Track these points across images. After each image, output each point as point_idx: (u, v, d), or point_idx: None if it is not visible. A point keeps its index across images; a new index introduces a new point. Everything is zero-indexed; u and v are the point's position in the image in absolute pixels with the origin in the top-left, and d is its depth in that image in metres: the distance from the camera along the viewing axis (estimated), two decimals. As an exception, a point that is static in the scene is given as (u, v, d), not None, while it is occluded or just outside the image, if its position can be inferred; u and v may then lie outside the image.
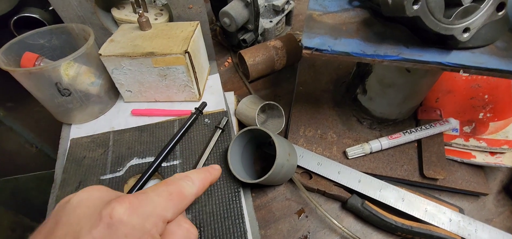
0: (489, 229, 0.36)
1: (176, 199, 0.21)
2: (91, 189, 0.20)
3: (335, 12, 0.37)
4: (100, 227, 0.18)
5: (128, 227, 0.18)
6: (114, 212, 0.18)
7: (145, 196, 0.20)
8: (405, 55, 0.30)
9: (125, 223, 0.18)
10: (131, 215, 0.19)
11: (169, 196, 0.21)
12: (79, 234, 0.18)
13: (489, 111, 0.44)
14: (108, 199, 0.19)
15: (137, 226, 0.19)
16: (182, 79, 0.46)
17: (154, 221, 0.20)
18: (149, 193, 0.21)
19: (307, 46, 0.32)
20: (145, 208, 0.19)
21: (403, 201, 0.38)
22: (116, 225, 0.18)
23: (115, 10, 0.52)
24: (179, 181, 0.22)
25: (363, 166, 0.43)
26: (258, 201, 0.43)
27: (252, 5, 0.56)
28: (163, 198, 0.21)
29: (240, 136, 0.40)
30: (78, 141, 0.44)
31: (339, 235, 0.39)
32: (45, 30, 0.46)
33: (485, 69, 0.29)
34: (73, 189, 0.39)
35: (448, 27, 0.28)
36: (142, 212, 0.19)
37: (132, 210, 0.19)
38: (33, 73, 0.39)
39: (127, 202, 0.19)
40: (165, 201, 0.21)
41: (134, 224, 0.19)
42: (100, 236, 0.18)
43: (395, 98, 0.43)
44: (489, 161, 0.41)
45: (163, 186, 0.22)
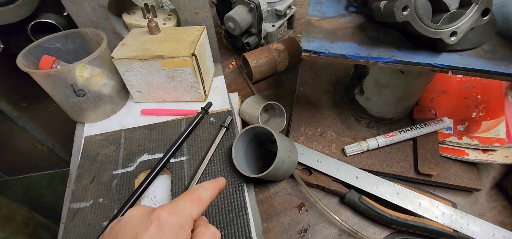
0: (481, 222, 0.38)
1: (197, 203, 0.28)
2: (136, 208, 0.26)
3: (332, 17, 0.39)
4: (152, 227, 0.24)
5: (171, 224, 0.24)
6: (160, 215, 0.24)
7: (176, 203, 0.26)
8: (397, 57, 0.33)
9: (168, 221, 0.24)
10: (172, 216, 0.25)
11: (192, 201, 0.27)
12: (137, 235, 0.23)
13: (482, 110, 0.46)
14: (151, 210, 0.25)
15: (176, 223, 0.25)
16: (189, 81, 0.49)
17: (186, 219, 0.26)
18: (178, 201, 0.27)
19: (306, 49, 0.34)
20: (179, 211, 0.26)
21: (398, 196, 0.40)
22: (163, 224, 0.24)
23: (126, 16, 0.55)
24: (197, 190, 0.29)
25: (360, 162, 0.45)
26: (260, 195, 0.45)
27: (255, 10, 0.58)
28: (188, 203, 0.27)
29: (244, 133, 0.42)
30: (92, 139, 0.47)
31: (337, 228, 0.42)
32: (61, 35, 0.49)
33: (472, 70, 0.31)
34: (88, 183, 0.42)
35: (436, 31, 0.30)
36: (178, 213, 0.26)
37: (171, 212, 0.25)
38: (51, 75, 0.42)
39: (167, 208, 0.25)
40: (190, 205, 0.27)
41: (174, 221, 0.25)
42: (154, 233, 0.23)
43: (390, 99, 0.45)
44: (481, 158, 0.43)
45: (186, 195, 0.28)
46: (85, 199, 0.40)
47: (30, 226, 0.83)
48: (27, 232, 0.81)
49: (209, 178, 0.42)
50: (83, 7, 0.49)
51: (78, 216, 0.39)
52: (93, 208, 0.39)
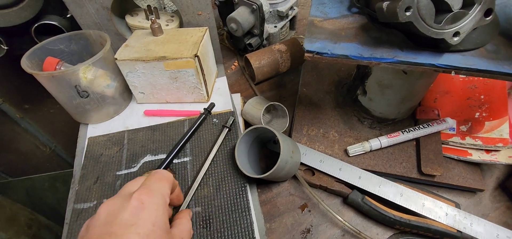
0: (484, 223, 0.38)
1: (166, 182, 0.30)
2: (108, 200, 0.27)
3: (335, 18, 0.39)
4: (132, 207, 0.25)
5: (154, 204, 0.26)
6: (141, 197, 0.26)
7: (147, 185, 0.28)
8: (400, 58, 0.33)
9: (151, 202, 0.26)
10: (153, 197, 0.27)
11: (162, 180, 0.30)
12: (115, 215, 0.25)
13: (485, 111, 0.46)
14: (127, 195, 0.27)
15: (160, 202, 0.27)
16: (192, 82, 0.49)
17: (164, 197, 0.28)
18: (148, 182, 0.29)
19: (308, 50, 0.34)
20: (156, 192, 0.28)
21: (402, 196, 0.40)
22: (146, 204, 0.26)
23: (129, 17, 0.55)
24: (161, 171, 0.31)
25: (363, 163, 0.45)
26: (263, 196, 0.45)
27: (258, 11, 0.58)
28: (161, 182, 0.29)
29: (247, 134, 0.42)
30: (95, 140, 0.47)
31: (340, 228, 0.41)
32: (65, 36, 0.49)
33: (475, 70, 0.31)
34: (91, 184, 0.42)
35: (439, 31, 0.30)
36: (157, 193, 0.27)
37: (150, 194, 0.27)
38: (55, 77, 0.42)
39: (144, 189, 0.27)
40: (162, 183, 0.29)
41: (157, 201, 0.27)
42: (135, 211, 0.25)
43: (393, 99, 0.45)
44: (485, 158, 0.43)
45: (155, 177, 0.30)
46: (89, 200, 0.40)
47: (33, 227, 0.83)
48: (30, 234, 0.81)
49: (212, 179, 0.42)
50: (86, 8, 0.49)
51: (82, 216, 0.39)
52: (97, 209, 0.39)
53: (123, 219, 0.24)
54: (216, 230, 0.37)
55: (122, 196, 0.27)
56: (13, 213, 0.81)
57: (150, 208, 0.25)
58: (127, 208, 0.25)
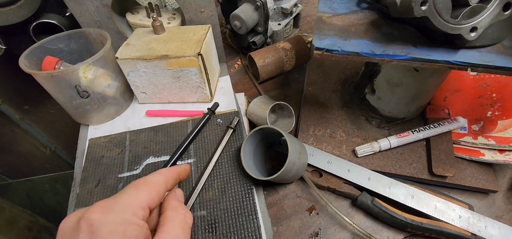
0: (499, 226, 0.37)
1: (144, 188, 0.23)
2: (67, 218, 0.22)
3: (344, 14, 0.38)
4: (81, 234, 0.19)
5: (109, 224, 0.20)
6: (91, 218, 0.19)
7: (113, 197, 0.22)
8: (413, 55, 0.31)
9: (105, 222, 0.20)
10: (108, 214, 0.20)
11: (136, 188, 0.23)
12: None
13: (497, 109, 0.44)
14: (81, 215, 0.20)
15: (117, 220, 0.20)
16: (195, 81, 0.48)
17: (132, 210, 0.21)
18: (118, 195, 0.22)
19: (318, 47, 0.33)
20: (118, 205, 0.21)
21: (413, 198, 0.39)
22: (97, 226, 0.19)
23: (130, 15, 0.54)
24: (145, 176, 0.25)
25: (372, 164, 0.44)
26: (269, 198, 0.44)
27: (262, 8, 0.57)
28: (131, 191, 0.22)
29: (253, 134, 0.41)
30: (96, 141, 0.46)
31: (349, 231, 0.40)
32: (64, 35, 0.48)
33: (493, 67, 0.30)
34: (93, 187, 0.41)
35: (455, 27, 0.29)
36: (116, 208, 0.21)
37: (106, 210, 0.20)
38: (54, 76, 0.41)
39: (99, 206, 0.21)
40: (134, 192, 0.22)
41: (114, 219, 0.20)
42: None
43: (403, 98, 0.43)
44: (498, 158, 0.42)
45: (130, 185, 0.24)
46: (90, 203, 0.39)
47: (33, 230, 0.82)
48: (30, 236, 0.80)
49: (216, 180, 0.40)
50: (86, 6, 0.48)
51: (83, 221, 0.38)
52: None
53: None
54: (222, 234, 0.36)
55: (80, 213, 0.21)
56: (13, 215, 0.80)
57: (101, 231, 0.19)
58: (78, 235, 0.19)
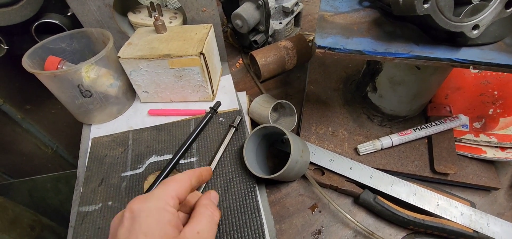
0: (501, 222, 0.37)
1: (171, 182, 0.27)
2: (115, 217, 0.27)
3: (346, 12, 0.38)
4: (125, 221, 0.23)
5: (146, 211, 0.24)
6: (132, 207, 0.24)
7: (150, 192, 0.26)
8: (416, 53, 0.31)
9: (143, 209, 0.24)
10: (145, 203, 0.24)
11: (165, 184, 0.27)
12: (115, 233, 0.24)
13: (499, 107, 0.44)
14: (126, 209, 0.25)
15: (153, 207, 0.24)
16: (197, 80, 0.48)
17: (164, 200, 0.25)
18: (152, 191, 0.26)
19: (320, 45, 0.33)
20: (153, 196, 0.25)
21: (415, 196, 0.39)
22: (137, 213, 0.23)
23: (131, 14, 0.54)
24: (171, 177, 0.29)
25: (374, 162, 0.44)
26: (272, 197, 0.44)
27: (263, 7, 0.57)
28: (162, 186, 0.27)
29: (255, 133, 0.41)
30: (99, 140, 0.46)
31: (352, 229, 0.40)
32: (67, 35, 0.48)
33: (495, 65, 0.30)
34: (96, 186, 0.41)
35: (457, 24, 0.29)
36: (152, 199, 0.25)
37: (144, 200, 0.24)
38: (57, 76, 0.41)
39: (138, 198, 0.25)
40: (165, 186, 0.26)
41: (150, 206, 0.24)
42: (128, 224, 0.23)
43: (405, 96, 0.44)
44: (500, 156, 0.42)
45: (160, 184, 0.28)
46: (94, 202, 0.39)
47: (36, 229, 0.82)
48: (33, 235, 0.81)
49: (219, 179, 0.41)
50: (88, 6, 0.48)
51: (87, 219, 0.38)
52: (102, 211, 0.38)
53: (119, 236, 0.23)
54: (225, 232, 0.36)
55: (126, 207, 0.25)
56: (16, 214, 0.81)
57: (140, 216, 0.23)
58: (123, 222, 0.23)
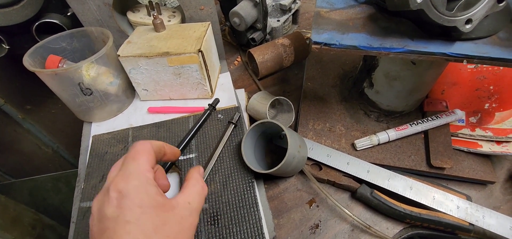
0: (497, 215, 0.37)
1: (140, 156, 0.27)
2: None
3: (342, 8, 0.39)
4: (113, 199, 0.24)
5: (133, 188, 0.24)
6: (118, 187, 0.24)
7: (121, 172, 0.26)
8: (410, 47, 0.32)
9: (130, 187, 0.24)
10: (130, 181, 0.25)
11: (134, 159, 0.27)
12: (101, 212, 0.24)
13: (495, 101, 0.45)
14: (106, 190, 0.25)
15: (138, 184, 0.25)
16: (196, 77, 0.48)
17: (145, 174, 0.26)
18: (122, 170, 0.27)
19: (316, 41, 0.34)
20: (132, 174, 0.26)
21: (411, 190, 0.40)
22: (125, 191, 0.24)
23: (131, 13, 0.55)
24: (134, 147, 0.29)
25: (371, 157, 0.45)
26: (270, 192, 0.44)
27: (260, 5, 0.58)
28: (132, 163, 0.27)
29: (253, 129, 0.42)
30: (100, 138, 0.47)
31: (349, 223, 0.41)
32: (67, 34, 0.49)
33: (488, 59, 0.31)
34: (97, 182, 0.41)
35: (451, 19, 0.29)
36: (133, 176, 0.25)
37: (126, 180, 0.25)
38: (58, 74, 0.42)
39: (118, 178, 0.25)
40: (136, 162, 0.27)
41: (136, 184, 0.25)
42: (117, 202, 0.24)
43: (401, 91, 0.44)
44: (496, 150, 0.42)
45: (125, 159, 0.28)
46: (94, 198, 0.40)
47: (37, 228, 0.83)
48: (35, 234, 0.81)
49: (218, 175, 0.41)
50: (88, 5, 0.49)
51: (89, 215, 0.38)
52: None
53: (108, 213, 0.24)
54: (224, 226, 0.36)
55: (104, 190, 0.26)
56: (17, 214, 0.81)
57: (129, 193, 0.24)
58: (109, 201, 0.24)
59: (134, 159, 0.27)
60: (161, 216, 0.25)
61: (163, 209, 0.25)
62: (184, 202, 0.28)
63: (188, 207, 0.28)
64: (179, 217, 0.26)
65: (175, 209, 0.26)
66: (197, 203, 0.29)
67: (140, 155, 0.27)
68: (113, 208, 0.24)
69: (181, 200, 0.28)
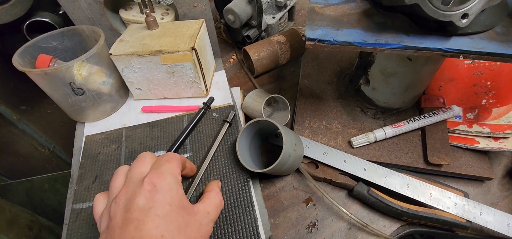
0: (494, 212, 0.37)
1: (173, 161, 0.30)
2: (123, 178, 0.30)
3: (336, 4, 0.38)
4: (146, 191, 0.26)
5: (166, 185, 0.27)
6: (153, 181, 0.26)
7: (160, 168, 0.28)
8: (406, 43, 0.31)
9: (163, 183, 0.27)
10: (164, 178, 0.27)
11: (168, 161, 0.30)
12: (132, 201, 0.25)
13: (492, 97, 0.44)
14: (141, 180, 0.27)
15: (171, 182, 0.27)
16: (190, 76, 0.48)
17: (175, 175, 0.29)
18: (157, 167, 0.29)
19: (310, 37, 0.33)
20: (166, 173, 0.28)
21: (408, 187, 0.39)
22: (159, 186, 0.26)
23: (123, 11, 0.54)
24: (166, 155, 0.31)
25: (368, 154, 0.44)
26: (266, 191, 0.44)
27: (255, 2, 0.57)
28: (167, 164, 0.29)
29: (248, 127, 0.41)
30: (93, 138, 0.46)
31: (346, 221, 0.40)
32: (58, 33, 0.48)
33: (485, 54, 0.30)
34: (90, 183, 0.41)
35: (446, 13, 0.29)
36: (167, 174, 0.28)
37: (161, 176, 0.27)
38: (48, 74, 0.41)
39: (153, 173, 0.27)
40: (170, 164, 0.29)
41: (169, 181, 0.27)
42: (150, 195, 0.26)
43: (398, 88, 0.43)
44: (493, 146, 0.42)
45: (161, 159, 0.30)
46: (88, 199, 0.39)
47: (34, 229, 0.82)
48: (31, 235, 0.81)
49: (213, 174, 0.41)
50: (78, 3, 0.48)
51: (82, 216, 0.38)
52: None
53: (140, 204, 0.25)
54: (219, 226, 0.36)
55: (134, 182, 0.27)
56: (13, 215, 0.80)
57: (163, 189, 0.26)
58: (142, 193, 0.25)
59: (168, 161, 0.29)
60: (185, 218, 0.27)
61: (187, 212, 0.27)
62: (204, 211, 0.30)
63: (207, 216, 0.29)
64: (198, 223, 0.28)
65: (196, 215, 0.28)
66: (214, 214, 0.31)
67: (173, 160, 0.30)
68: (146, 200, 0.25)
69: (201, 208, 0.30)
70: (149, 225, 0.24)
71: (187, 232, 0.26)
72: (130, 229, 0.24)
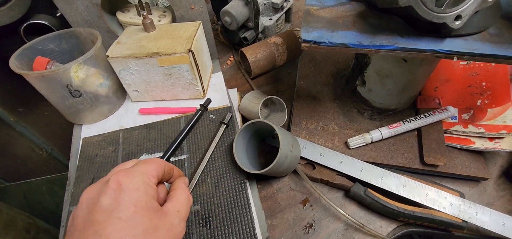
0: (490, 212, 0.37)
1: (151, 163, 0.29)
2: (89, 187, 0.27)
3: (332, 6, 0.38)
4: (110, 190, 0.24)
5: (133, 184, 0.25)
6: (119, 179, 0.25)
7: (129, 168, 0.27)
8: (400, 45, 0.32)
9: (130, 182, 0.25)
10: (131, 177, 0.25)
11: (145, 163, 0.28)
12: (97, 202, 0.24)
13: (487, 98, 0.45)
14: (105, 180, 0.25)
15: (139, 181, 0.26)
16: (187, 78, 0.48)
17: (148, 176, 0.27)
18: (132, 167, 0.28)
19: (305, 39, 0.33)
20: (137, 172, 0.26)
21: (405, 188, 0.39)
22: (124, 184, 0.25)
23: (120, 13, 0.54)
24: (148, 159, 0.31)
25: (364, 155, 0.44)
26: (263, 192, 0.44)
27: (252, 4, 0.57)
28: (143, 165, 0.28)
29: (245, 129, 0.41)
30: (90, 140, 0.46)
31: (343, 222, 0.41)
32: (55, 35, 0.48)
33: (478, 55, 0.30)
34: (87, 185, 0.41)
35: (440, 15, 0.29)
36: (137, 174, 0.26)
37: (130, 174, 0.26)
38: (45, 76, 0.41)
39: (122, 171, 0.26)
40: (146, 165, 0.28)
41: (137, 181, 0.26)
42: (115, 194, 0.24)
43: (393, 89, 0.44)
44: (488, 146, 0.42)
45: (139, 162, 0.29)
46: (84, 202, 0.39)
47: (31, 232, 0.82)
48: (29, 238, 0.80)
49: (210, 176, 0.41)
50: (76, 6, 0.48)
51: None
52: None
53: (103, 204, 0.23)
54: (216, 228, 0.36)
55: (102, 180, 0.26)
56: (11, 217, 0.80)
57: (129, 188, 0.24)
58: (106, 192, 0.24)
59: (145, 163, 0.28)
60: (153, 220, 0.25)
61: (156, 214, 0.26)
62: (174, 210, 0.28)
63: (177, 215, 0.28)
64: (169, 225, 0.26)
65: (166, 216, 0.26)
66: (185, 212, 0.29)
67: (151, 162, 0.29)
68: (110, 200, 0.23)
69: (171, 208, 0.28)
70: (110, 229, 0.22)
71: (155, 235, 0.24)
72: (89, 233, 0.22)
